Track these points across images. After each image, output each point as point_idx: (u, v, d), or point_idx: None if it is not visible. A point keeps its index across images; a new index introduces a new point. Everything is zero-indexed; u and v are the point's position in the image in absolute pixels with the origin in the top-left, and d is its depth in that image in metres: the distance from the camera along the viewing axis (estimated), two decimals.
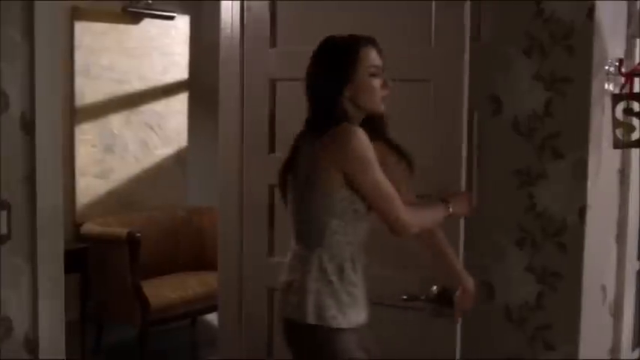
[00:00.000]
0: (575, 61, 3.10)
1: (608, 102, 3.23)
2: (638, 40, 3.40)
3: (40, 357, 2.76)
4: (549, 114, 3.16)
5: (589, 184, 3.13)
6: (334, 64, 2.68)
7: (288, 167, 2.80)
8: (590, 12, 3.06)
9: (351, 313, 2.70)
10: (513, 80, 3.22)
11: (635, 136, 3.25)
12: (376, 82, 2.69)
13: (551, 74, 3.15)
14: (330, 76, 2.68)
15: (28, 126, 2.67)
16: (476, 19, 3.19)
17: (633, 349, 3.74)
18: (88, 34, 6.69)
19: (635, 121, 3.24)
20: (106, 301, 6.14)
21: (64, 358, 2.86)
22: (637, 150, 3.48)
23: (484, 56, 3.26)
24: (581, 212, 3.13)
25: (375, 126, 2.77)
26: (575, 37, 3.09)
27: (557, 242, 3.18)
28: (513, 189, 3.25)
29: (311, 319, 2.67)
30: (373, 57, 2.70)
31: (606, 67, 3.19)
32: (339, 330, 2.67)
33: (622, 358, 3.56)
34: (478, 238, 3.32)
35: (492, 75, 3.26)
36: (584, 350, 3.21)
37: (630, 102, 3.23)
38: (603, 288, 3.38)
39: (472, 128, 3.25)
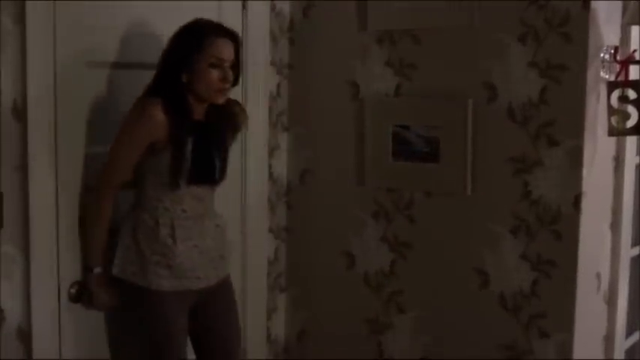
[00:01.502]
0: (570, 48, 3.09)
1: (603, 89, 3.21)
2: (632, 27, 3.38)
3: (34, 347, 2.74)
4: (544, 101, 3.15)
5: (584, 171, 3.12)
6: (179, 46, 2.73)
7: None
8: (586, 0, 3.04)
9: (162, 277, 2.74)
10: (508, 67, 3.20)
11: (629, 123, 3.24)
12: (214, 74, 2.72)
13: (547, 61, 3.13)
14: (173, 57, 2.73)
15: (20, 114, 2.65)
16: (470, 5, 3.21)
17: (627, 337, 3.74)
18: None
19: (629, 108, 3.24)
20: None
21: (59, 348, 2.83)
22: (631, 137, 3.48)
23: (478, 43, 3.25)
24: (577, 200, 3.12)
25: (222, 116, 2.86)
26: (571, 24, 3.07)
27: (553, 230, 3.17)
28: (508, 177, 3.24)
29: (115, 271, 2.77)
30: (219, 49, 2.72)
31: (602, 55, 3.17)
32: (140, 287, 2.74)
33: (616, 345, 3.56)
34: (473, 226, 3.33)
35: (487, 62, 3.24)
36: (578, 338, 3.20)
37: (625, 89, 3.22)
38: (598, 276, 3.38)
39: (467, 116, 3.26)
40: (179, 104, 2.72)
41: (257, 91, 3.54)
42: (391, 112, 3.46)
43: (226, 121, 2.89)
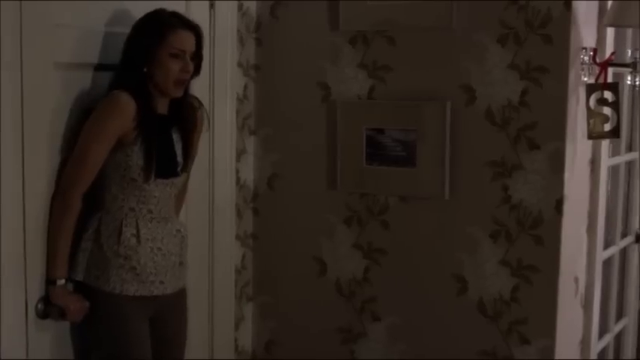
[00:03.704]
0: (551, 50, 3.04)
1: (582, 92, 3.18)
2: (608, 29, 3.35)
3: (3, 357, 2.57)
4: (525, 104, 3.10)
5: (566, 175, 3.08)
6: (142, 35, 2.67)
7: None
8: (568, 1, 2.99)
9: (127, 281, 2.66)
10: (487, 69, 3.14)
11: (608, 126, 3.22)
12: (175, 64, 2.67)
13: (527, 63, 3.08)
14: (134, 46, 2.68)
15: None
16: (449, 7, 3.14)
17: (599, 339, 3.72)
18: None
19: (608, 111, 3.21)
20: None
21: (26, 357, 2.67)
22: (605, 140, 3.45)
23: (457, 45, 3.18)
24: (558, 204, 3.08)
25: (184, 110, 2.80)
26: (552, 26, 3.03)
27: (533, 235, 3.13)
28: (487, 181, 3.18)
29: (78, 276, 2.67)
30: (180, 39, 2.67)
31: (581, 57, 3.13)
32: (104, 292, 2.65)
33: (591, 348, 3.53)
34: (451, 231, 3.26)
35: (465, 64, 3.17)
36: (559, 344, 3.17)
37: (604, 92, 3.19)
38: (576, 280, 3.35)
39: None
40: (142, 97, 2.65)
41: (224, 93, 3.42)
42: (364, 115, 3.36)
43: (188, 115, 2.83)
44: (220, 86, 3.40)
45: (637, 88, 3.40)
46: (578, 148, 3.19)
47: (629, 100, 3.97)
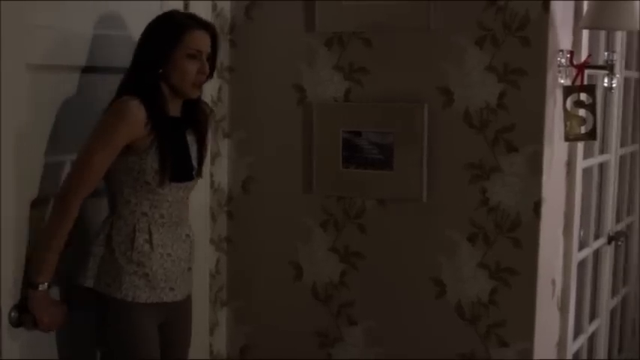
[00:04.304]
0: (529, 52, 3.04)
1: (559, 94, 3.18)
2: (584, 31, 3.36)
3: None
4: (503, 106, 3.09)
5: (544, 178, 3.08)
6: (157, 37, 2.63)
7: None
8: (545, 2, 2.99)
9: (139, 287, 2.62)
10: (465, 71, 3.13)
11: (585, 128, 3.22)
12: (192, 65, 2.63)
13: (505, 66, 3.07)
14: (150, 47, 2.63)
15: None
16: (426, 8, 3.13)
17: (574, 340, 3.73)
18: None
19: (585, 113, 3.22)
20: None
21: None
22: (581, 142, 3.46)
23: (435, 47, 3.17)
24: (536, 207, 3.08)
25: (193, 117, 2.75)
26: (530, 28, 3.02)
27: (512, 237, 3.12)
28: (465, 183, 3.17)
29: (88, 283, 2.62)
30: (198, 40, 2.64)
31: (558, 59, 3.14)
32: (115, 300, 2.60)
33: (567, 349, 3.54)
34: (428, 234, 3.24)
35: (443, 66, 3.16)
36: (537, 346, 3.16)
37: (580, 94, 3.20)
38: (553, 282, 3.35)
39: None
40: (157, 100, 2.60)
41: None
42: (341, 118, 3.34)
43: (202, 117, 2.79)
44: None
45: (612, 91, 3.41)
46: (554, 151, 3.19)
47: (602, 102, 3.98)
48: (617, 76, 3.24)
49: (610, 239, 4.18)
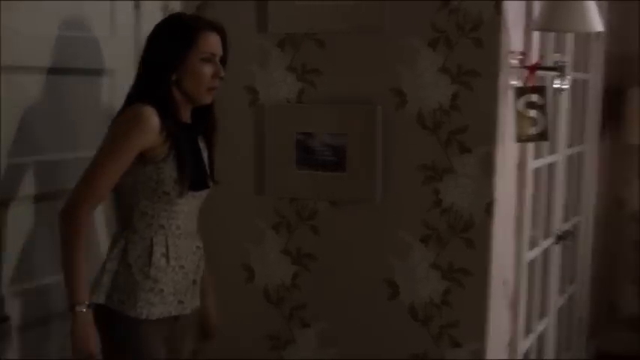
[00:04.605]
0: (482, 53, 3.05)
1: (511, 95, 3.20)
2: (535, 32, 3.39)
3: None
4: (456, 107, 3.10)
5: (496, 178, 3.09)
6: (168, 41, 2.54)
7: None
8: (498, 4, 3.01)
9: (154, 304, 2.52)
10: (418, 73, 3.13)
11: (536, 130, 3.25)
12: (207, 69, 2.54)
13: (458, 67, 3.08)
14: (161, 52, 2.53)
15: None
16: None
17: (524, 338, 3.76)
18: None
19: (536, 114, 3.24)
20: None
21: None
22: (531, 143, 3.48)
23: (388, 48, 3.16)
24: (489, 207, 3.10)
25: (204, 123, 2.67)
26: (483, 30, 3.04)
27: (464, 238, 3.13)
28: (418, 184, 3.17)
29: (100, 299, 2.49)
30: (211, 43, 2.55)
31: (510, 60, 3.15)
32: (128, 317, 2.49)
33: (518, 349, 3.56)
34: (382, 236, 3.24)
35: (396, 67, 3.16)
36: (489, 346, 3.18)
37: (532, 95, 3.22)
38: (505, 282, 3.37)
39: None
40: (171, 106, 2.51)
41: None
42: (294, 119, 3.31)
43: (213, 123, 2.70)
44: None
45: (562, 92, 3.45)
46: (506, 152, 3.21)
47: (552, 103, 4.01)
48: (568, 77, 3.27)
49: (558, 238, 4.23)
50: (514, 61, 3.16)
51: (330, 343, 3.36)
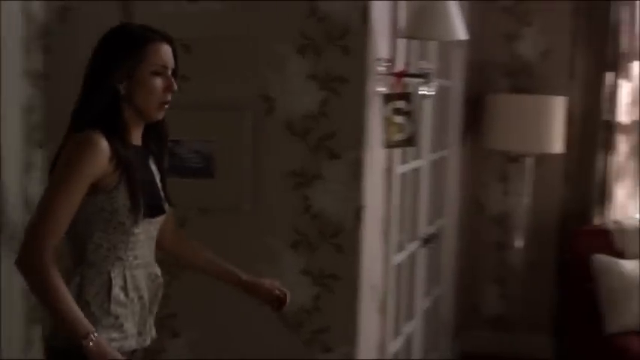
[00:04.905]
0: (350, 60, 3.09)
1: (378, 102, 3.24)
2: (400, 40, 3.45)
3: None
4: (324, 114, 3.13)
5: (365, 184, 3.13)
6: (116, 53, 2.35)
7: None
8: (365, 12, 3.05)
9: (115, 340, 2.33)
10: (287, 79, 3.15)
11: (403, 135, 3.30)
12: (158, 82, 2.37)
13: (326, 74, 3.11)
14: (108, 65, 2.34)
15: None
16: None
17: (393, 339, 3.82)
18: None
19: (403, 120, 3.29)
20: None
21: None
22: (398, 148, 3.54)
23: (257, 54, 3.16)
24: (358, 213, 3.13)
25: (155, 142, 2.50)
26: (350, 37, 3.08)
27: (334, 244, 3.16)
28: (288, 190, 3.18)
29: (54, 342, 2.32)
30: (163, 54, 2.38)
31: (377, 67, 3.20)
32: (84, 357, 2.21)
33: (387, 351, 3.62)
34: (252, 243, 3.23)
35: (265, 74, 3.16)
36: (360, 350, 3.22)
37: (398, 102, 3.27)
38: (374, 286, 3.41)
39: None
40: (120, 129, 2.33)
41: (10, 104, 3.21)
42: None
43: (162, 142, 2.53)
44: (6, 97, 3.19)
45: (427, 98, 3.52)
46: (374, 157, 3.25)
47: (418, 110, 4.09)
48: (434, 84, 3.35)
49: (424, 242, 4.31)
50: (381, 69, 3.21)
51: (200, 351, 3.33)
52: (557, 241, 5.48)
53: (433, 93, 3.36)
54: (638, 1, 5.13)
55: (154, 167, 2.49)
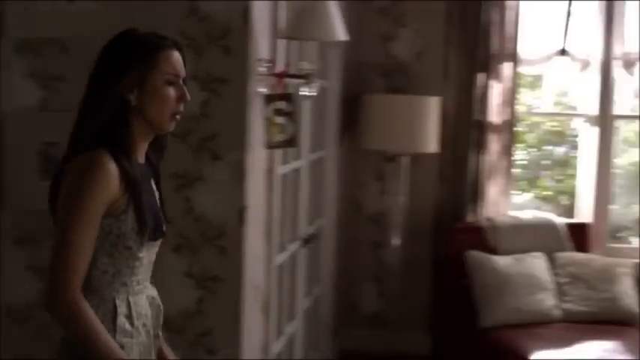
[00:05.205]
0: (231, 61, 3.08)
1: (260, 102, 3.24)
2: (281, 41, 3.45)
3: None
4: (206, 115, 3.11)
5: (247, 185, 3.12)
6: (125, 59, 2.20)
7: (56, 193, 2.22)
8: (246, 12, 3.05)
9: None
10: None
11: (284, 136, 3.31)
12: (171, 92, 2.23)
13: (207, 74, 3.09)
14: (116, 72, 2.19)
15: None
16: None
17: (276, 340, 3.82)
18: None
19: (284, 121, 3.30)
20: None
21: None
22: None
23: None
24: (240, 214, 3.12)
25: (159, 153, 2.38)
26: (231, 38, 3.07)
27: (217, 245, 3.15)
28: (170, 193, 3.12)
29: None
30: (174, 62, 2.24)
31: (258, 68, 3.20)
32: None
33: (270, 351, 3.61)
34: None
35: None
36: (244, 351, 3.21)
37: (279, 102, 3.28)
38: (256, 287, 3.40)
39: None
40: (127, 145, 2.17)
41: None
42: (37, 128, 3.17)
43: (161, 156, 2.39)
44: None
45: (308, 99, 3.54)
46: (256, 158, 3.25)
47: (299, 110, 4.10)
48: (315, 84, 3.36)
49: (304, 242, 4.33)
50: (262, 69, 3.21)
51: None
52: (433, 238, 5.59)
53: (314, 93, 3.38)
54: (507, 2, 5.28)
55: (153, 184, 2.37)
